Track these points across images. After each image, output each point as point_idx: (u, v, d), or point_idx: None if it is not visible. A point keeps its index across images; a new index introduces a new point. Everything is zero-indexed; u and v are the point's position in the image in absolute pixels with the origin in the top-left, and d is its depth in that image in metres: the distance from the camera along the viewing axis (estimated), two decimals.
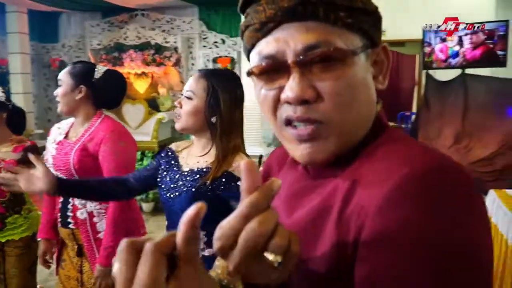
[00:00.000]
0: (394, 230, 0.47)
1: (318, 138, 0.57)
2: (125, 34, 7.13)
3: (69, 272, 1.93)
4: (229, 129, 1.38)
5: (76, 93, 1.79)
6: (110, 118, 1.86)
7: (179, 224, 0.41)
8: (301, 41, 0.55)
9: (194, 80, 1.41)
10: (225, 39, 7.16)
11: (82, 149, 1.77)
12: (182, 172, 1.42)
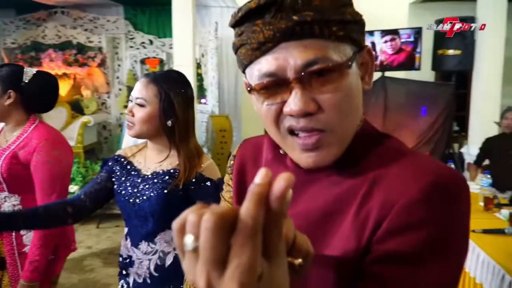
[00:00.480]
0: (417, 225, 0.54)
1: (321, 146, 0.61)
2: (43, 33, 6.68)
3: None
4: (186, 130, 1.39)
5: (4, 99, 1.66)
6: (45, 124, 1.75)
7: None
8: (301, 58, 0.58)
9: (143, 86, 1.37)
10: (153, 40, 7.00)
11: (12, 156, 1.64)
12: (145, 176, 1.40)
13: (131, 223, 1.43)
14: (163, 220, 1.36)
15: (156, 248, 1.38)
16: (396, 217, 0.55)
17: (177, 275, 1.34)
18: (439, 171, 0.58)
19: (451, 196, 0.57)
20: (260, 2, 0.58)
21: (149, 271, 1.38)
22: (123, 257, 1.45)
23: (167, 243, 1.37)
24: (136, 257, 1.40)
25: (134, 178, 1.42)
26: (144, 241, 1.39)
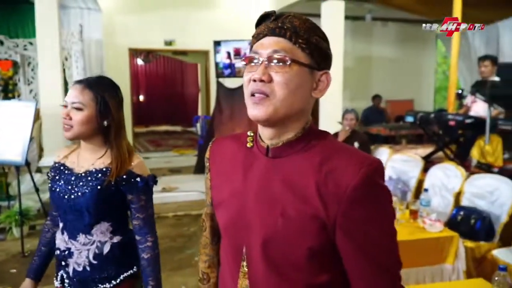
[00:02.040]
0: (367, 216, 0.85)
1: (262, 104, 0.87)
2: None
3: None
4: (119, 129, 1.53)
5: None
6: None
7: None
8: (271, 46, 0.87)
9: (79, 92, 1.46)
10: (4, 40, 6.39)
11: None
12: (78, 174, 1.49)
13: (66, 218, 1.51)
14: (98, 213, 1.47)
15: (93, 239, 1.48)
16: (349, 197, 0.84)
17: (114, 261, 1.49)
18: (368, 160, 0.87)
19: (379, 177, 0.87)
20: (265, 13, 0.92)
21: (88, 260, 1.48)
22: (61, 250, 1.52)
23: (103, 234, 1.49)
24: (75, 249, 1.49)
25: (67, 176, 1.51)
26: (81, 234, 1.48)
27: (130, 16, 7.73)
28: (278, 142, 0.92)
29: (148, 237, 1.49)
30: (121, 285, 1.49)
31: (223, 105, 6.52)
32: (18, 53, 6.37)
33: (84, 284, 1.50)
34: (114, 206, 1.48)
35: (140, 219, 1.49)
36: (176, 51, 9.68)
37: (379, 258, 0.86)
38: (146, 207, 1.50)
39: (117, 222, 1.51)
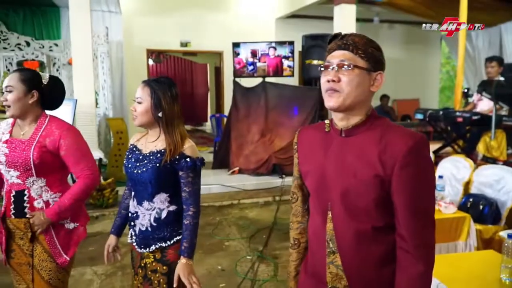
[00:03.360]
0: (413, 174, 1.16)
1: (334, 97, 1.22)
2: None
3: (19, 260, 1.98)
4: (171, 120, 1.85)
5: (29, 98, 1.90)
6: (56, 117, 2.00)
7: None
8: (339, 58, 1.22)
9: (140, 89, 1.80)
10: (30, 42, 6.72)
11: (41, 146, 1.88)
12: (145, 154, 1.84)
13: (135, 188, 1.86)
14: (158, 185, 1.80)
15: (154, 206, 1.82)
16: (401, 160, 1.16)
17: (169, 225, 1.81)
18: (415, 135, 1.19)
19: (424, 147, 1.20)
20: (334, 34, 1.27)
21: (150, 222, 1.81)
22: (131, 213, 1.87)
23: (162, 202, 1.82)
24: (141, 212, 1.83)
25: (137, 155, 1.86)
26: (146, 201, 1.82)
27: (148, 18, 8.06)
28: (348, 125, 1.26)
29: (190, 207, 1.79)
30: (173, 245, 1.80)
31: (239, 104, 6.83)
32: (44, 54, 6.68)
33: (145, 241, 1.82)
34: (170, 180, 1.79)
35: (186, 192, 1.79)
36: (191, 52, 10.01)
37: (419, 206, 1.19)
38: (192, 183, 1.80)
39: (173, 193, 1.82)
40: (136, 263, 1.89)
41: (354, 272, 1.25)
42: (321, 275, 1.31)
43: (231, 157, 6.55)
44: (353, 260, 1.25)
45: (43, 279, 1.97)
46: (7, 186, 1.98)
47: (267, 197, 5.57)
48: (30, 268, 1.97)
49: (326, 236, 1.28)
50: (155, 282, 1.80)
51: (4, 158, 1.90)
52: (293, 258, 1.49)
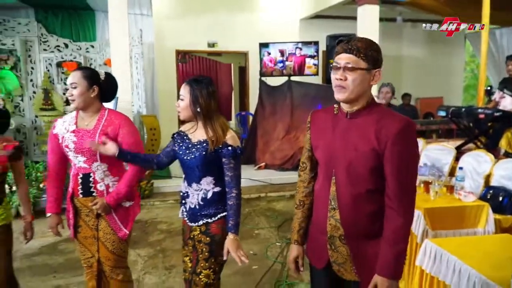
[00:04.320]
0: (401, 150, 1.51)
1: (341, 92, 1.53)
2: None
3: (85, 233, 2.31)
4: (209, 114, 2.11)
5: (91, 92, 2.20)
6: (112, 109, 2.32)
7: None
8: (345, 59, 1.53)
9: (183, 87, 2.09)
10: (68, 44, 7.10)
11: (104, 134, 2.18)
12: (193, 143, 2.10)
13: (186, 171, 2.15)
14: (204, 170, 2.07)
15: (201, 187, 2.09)
16: (392, 138, 1.50)
17: (214, 204, 2.08)
18: (404, 119, 1.53)
19: (411, 128, 1.53)
20: (340, 39, 1.55)
21: (197, 201, 2.10)
22: (183, 192, 2.17)
23: (208, 184, 2.09)
24: (190, 192, 2.12)
25: (187, 143, 2.13)
26: (194, 183, 2.10)
27: (177, 21, 8.39)
28: (352, 109, 1.59)
29: (233, 190, 2.04)
30: (217, 221, 2.08)
31: (265, 102, 7.09)
32: (81, 55, 7.07)
33: (194, 216, 2.12)
34: (215, 166, 2.06)
35: (229, 176, 2.05)
36: (218, 52, 10.32)
37: (404, 174, 1.53)
38: (234, 168, 2.05)
39: (217, 177, 2.08)
40: (186, 235, 2.19)
41: (349, 224, 1.61)
42: (322, 227, 1.67)
43: (257, 153, 6.81)
44: (349, 215, 1.60)
45: (107, 249, 2.29)
46: (74, 170, 2.29)
47: (292, 191, 5.80)
48: (95, 240, 2.29)
49: (330, 196, 1.64)
50: (199, 250, 2.08)
51: (72, 145, 2.21)
52: (298, 216, 1.81)
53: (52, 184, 2.33)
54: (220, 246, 2.04)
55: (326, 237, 1.66)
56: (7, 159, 2.27)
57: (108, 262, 2.31)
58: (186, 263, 2.19)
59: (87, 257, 2.35)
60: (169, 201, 5.37)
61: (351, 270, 1.65)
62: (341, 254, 1.65)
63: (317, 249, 1.72)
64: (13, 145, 2.31)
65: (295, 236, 1.82)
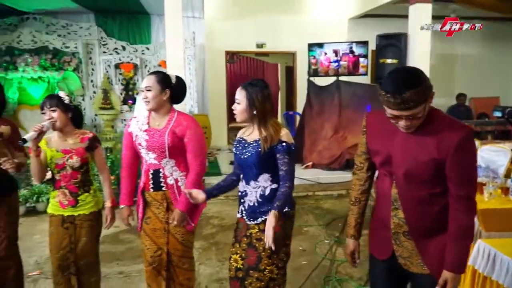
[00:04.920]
0: (462, 158, 1.56)
1: (411, 128, 1.58)
2: (18, 38, 6.90)
3: (154, 226, 2.46)
4: (264, 115, 2.21)
5: (163, 95, 2.38)
6: (181, 111, 2.51)
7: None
8: (405, 115, 1.52)
9: (238, 91, 2.17)
10: (126, 46, 7.49)
11: (173, 133, 2.36)
12: (249, 143, 2.22)
13: (243, 171, 2.25)
14: (261, 167, 2.16)
15: (259, 185, 2.18)
16: (454, 148, 1.54)
17: (272, 200, 2.11)
18: (464, 128, 1.57)
19: (470, 137, 1.57)
20: (387, 92, 1.53)
21: (256, 198, 2.18)
22: (241, 191, 2.25)
23: (265, 181, 2.17)
24: (249, 191, 2.20)
25: (243, 144, 2.25)
26: (252, 181, 2.19)
27: (227, 22, 8.63)
28: None
29: (286, 183, 2.08)
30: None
31: (313, 101, 7.15)
32: (137, 57, 7.44)
33: (253, 213, 2.19)
34: (271, 163, 2.13)
35: (283, 171, 2.10)
36: (266, 52, 10.49)
37: (466, 178, 1.60)
38: (288, 164, 2.11)
39: (274, 174, 2.15)
40: (241, 232, 2.24)
41: (413, 222, 1.68)
42: (386, 222, 1.75)
43: (304, 152, 6.88)
44: (412, 215, 1.67)
45: (177, 240, 2.47)
46: (145, 166, 2.48)
47: (340, 190, 5.85)
48: (165, 232, 2.46)
49: (391, 197, 1.70)
50: (260, 248, 2.13)
51: (145, 143, 2.40)
52: (353, 212, 1.90)
53: (126, 179, 2.53)
54: (282, 243, 2.12)
55: (390, 232, 1.74)
56: (85, 150, 2.50)
57: (177, 252, 2.48)
58: (235, 260, 2.21)
59: (152, 251, 2.49)
60: (220, 197, 5.55)
61: (417, 263, 1.71)
62: (406, 249, 1.71)
63: (381, 242, 1.80)
64: (87, 137, 2.54)
65: (351, 231, 1.91)
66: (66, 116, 2.48)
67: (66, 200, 2.49)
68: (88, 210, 2.53)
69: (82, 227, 2.52)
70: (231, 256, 2.25)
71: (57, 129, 2.45)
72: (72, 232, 2.51)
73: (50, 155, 2.46)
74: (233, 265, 2.23)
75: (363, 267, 3.46)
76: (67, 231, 2.50)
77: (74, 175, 2.48)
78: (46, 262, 3.64)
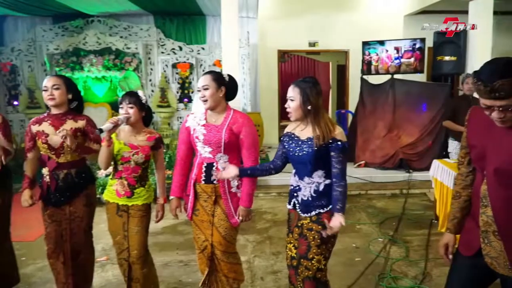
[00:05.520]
0: None
1: (505, 123, 1.53)
2: (84, 40, 7.36)
3: (202, 217, 2.60)
4: (318, 111, 2.26)
5: (219, 92, 2.52)
6: (236, 109, 2.63)
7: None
8: (497, 105, 1.50)
9: (291, 89, 2.22)
10: (182, 46, 7.77)
11: (229, 130, 2.49)
12: (303, 140, 2.28)
13: (296, 167, 2.32)
14: (315, 164, 2.22)
15: (313, 180, 2.25)
16: None
17: (326, 195, 2.21)
18: None
19: None
20: (476, 79, 1.53)
21: (310, 193, 2.25)
22: (294, 186, 2.34)
23: (319, 177, 2.24)
24: (302, 186, 2.28)
25: (296, 141, 2.30)
26: (306, 176, 2.26)
27: (280, 22, 8.71)
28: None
29: (341, 182, 2.16)
30: (328, 211, 2.20)
31: (366, 100, 7.08)
32: (193, 57, 7.71)
33: (307, 207, 2.26)
34: (325, 159, 2.19)
35: (337, 169, 2.17)
36: (317, 51, 10.48)
37: None
38: (341, 161, 2.18)
39: (327, 170, 2.21)
40: (293, 223, 2.34)
41: (502, 222, 1.63)
42: (477, 220, 1.73)
43: (356, 151, 6.84)
44: (501, 214, 1.63)
45: (220, 234, 2.57)
46: (199, 159, 2.60)
47: (394, 190, 5.77)
48: (210, 225, 2.59)
49: (481, 194, 1.69)
50: (310, 237, 2.23)
51: (202, 137, 2.54)
52: (454, 206, 1.88)
53: (179, 172, 2.68)
54: (331, 234, 2.18)
55: (480, 230, 1.71)
56: (150, 148, 2.68)
57: (219, 246, 2.58)
58: (290, 249, 2.34)
59: (201, 240, 2.64)
60: (272, 193, 5.68)
61: (505, 265, 1.65)
62: (495, 249, 1.67)
63: (469, 237, 1.78)
64: (154, 137, 2.73)
65: (448, 224, 1.91)
66: (140, 114, 2.68)
67: (123, 191, 2.67)
68: (141, 201, 2.71)
69: (135, 216, 2.70)
70: (287, 245, 2.38)
71: (130, 124, 2.64)
72: (126, 220, 2.70)
73: (118, 147, 2.64)
74: (288, 254, 2.36)
75: (419, 266, 3.46)
76: (121, 218, 2.70)
77: (136, 169, 2.67)
78: (111, 249, 3.90)
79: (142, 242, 2.73)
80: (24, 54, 7.72)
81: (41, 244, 3.38)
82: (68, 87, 2.78)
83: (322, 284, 2.26)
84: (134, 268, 2.72)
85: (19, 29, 7.91)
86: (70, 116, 2.78)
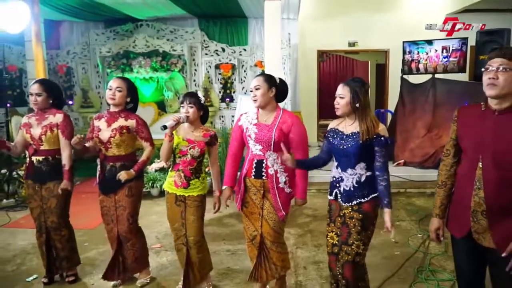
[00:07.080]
0: None
1: (493, 89, 1.81)
2: (134, 43, 7.81)
3: (251, 210, 2.81)
4: (365, 108, 2.44)
5: (270, 93, 2.74)
6: (285, 109, 2.85)
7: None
8: (498, 63, 1.82)
9: (341, 87, 2.42)
10: (225, 48, 8.09)
11: (279, 129, 2.69)
12: (347, 135, 2.48)
13: (340, 159, 2.50)
14: (359, 157, 2.40)
15: (356, 172, 2.43)
16: None
17: (367, 186, 2.39)
18: None
19: None
20: (494, 47, 1.89)
21: (352, 183, 2.43)
22: (336, 177, 2.52)
23: (361, 169, 2.42)
24: (345, 177, 2.46)
25: (341, 136, 2.50)
26: (349, 168, 2.45)
27: (319, 22, 8.86)
28: (501, 107, 1.86)
29: (384, 175, 2.35)
30: (369, 201, 2.39)
31: (405, 99, 7.12)
32: (235, 58, 8.00)
33: (349, 197, 2.44)
34: (368, 153, 2.37)
35: (381, 162, 2.36)
36: (356, 51, 10.54)
37: None
38: (384, 156, 2.37)
39: (370, 163, 2.40)
40: (335, 213, 2.53)
41: (492, 202, 1.88)
42: (466, 202, 1.97)
43: (396, 150, 6.90)
44: (492, 195, 1.88)
45: (269, 225, 2.78)
46: (250, 156, 2.82)
47: (433, 189, 5.78)
48: (260, 217, 2.80)
49: (475, 178, 1.92)
50: (351, 225, 2.42)
51: (254, 135, 2.76)
52: (439, 195, 2.15)
53: (230, 165, 2.92)
54: (370, 222, 2.40)
55: (470, 211, 1.95)
56: (205, 144, 2.95)
57: (269, 237, 2.78)
58: (332, 238, 2.53)
59: (251, 231, 2.86)
60: (311, 190, 5.85)
61: (489, 239, 1.91)
62: (482, 226, 1.92)
63: (460, 221, 2.03)
64: (209, 134, 2.99)
65: (436, 210, 2.17)
66: (199, 113, 2.95)
67: (180, 182, 2.94)
68: (196, 192, 2.97)
69: (191, 206, 2.97)
70: (328, 234, 2.57)
71: (189, 121, 2.92)
72: (183, 209, 2.97)
73: (177, 142, 2.91)
74: (329, 242, 2.55)
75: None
76: (179, 208, 2.98)
77: (192, 162, 2.94)
78: (164, 238, 4.24)
79: (198, 229, 3.00)
80: (78, 56, 8.28)
81: (101, 231, 3.75)
82: (129, 91, 3.10)
83: (360, 267, 2.46)
84: (192, 253, 2.99)
85: (74, 33, 8.47)
86: (123, 115, 3.10)
